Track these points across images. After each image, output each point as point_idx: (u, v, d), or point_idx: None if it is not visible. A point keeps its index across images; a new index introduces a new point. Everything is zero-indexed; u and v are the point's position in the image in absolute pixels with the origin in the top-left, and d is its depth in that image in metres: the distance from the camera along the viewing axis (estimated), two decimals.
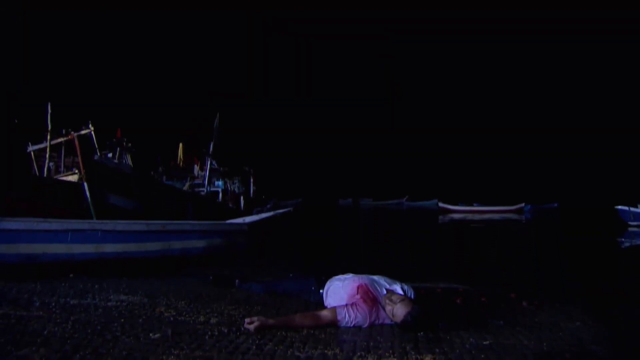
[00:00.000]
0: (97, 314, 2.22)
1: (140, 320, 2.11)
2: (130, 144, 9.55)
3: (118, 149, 9.34)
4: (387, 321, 2.14)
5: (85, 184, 5.17)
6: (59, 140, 7.93)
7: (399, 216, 28.64)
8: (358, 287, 2.32)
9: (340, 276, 2.61)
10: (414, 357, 1.63)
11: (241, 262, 4.73)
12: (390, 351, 1.72)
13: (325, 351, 1.69)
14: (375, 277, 2.47)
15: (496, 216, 22.78)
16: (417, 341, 1.84)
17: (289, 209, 6.52)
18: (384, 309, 2.16)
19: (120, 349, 1.63)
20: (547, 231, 14.51)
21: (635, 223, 10.54)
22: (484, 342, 1.82)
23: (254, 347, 1.73)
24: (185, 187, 7.47)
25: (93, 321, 2.04)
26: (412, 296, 2.34)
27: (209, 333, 1.90)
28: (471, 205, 26.34)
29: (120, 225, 3.97)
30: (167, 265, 4.17)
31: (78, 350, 1.59)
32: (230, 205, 11.31)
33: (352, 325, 2.09)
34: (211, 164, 11.16)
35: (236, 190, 14.20)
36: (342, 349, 1.73)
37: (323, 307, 2.54)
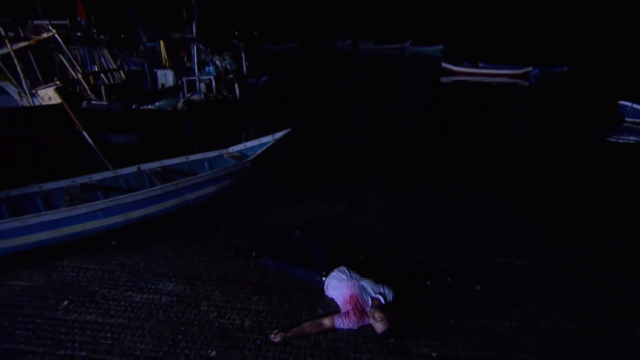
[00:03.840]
0: (159, 317, 3.05)
1: (195, 327, 2.95)
2: (102, 36, 8.28)
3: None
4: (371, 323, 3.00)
5: (85, 134, 5.14)
6: (22, 44, 6.96)
7: (400, 69, 27.50)
8: (350, 297, 3.08)
9: (338, 274, 3.33)
10: None
11: (246, 202, 5.37)
12: None
13: None
14: (364, 283, 3.20)
15: (499, 80, 22.19)
16: (387, 353, 2.75)
17: (288, 130, 6.62)
18: (369, 317, 2.99)
19: None
20: (544, 105, 14.74)
21: (631, 119, 10.63)
22: (433, 354, 2.73)
23: None
24: (180, 105, 7.13)
25: (163, 332, 2.88)
26: (391, 299, 3.13)
27: (248, 346, 2.77)
28: (476, 64, 24.82)
29: (139, 195, 4.37)
30: (184, 216, 4.84)
31: None
32: (225, 93, 10.92)
33: (346, 328, 2.97)
34: (198, 48, 10.06)
35: (228, 66, 13.24)
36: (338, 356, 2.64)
37: (324, 294, 3.40)
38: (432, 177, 6.74)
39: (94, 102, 5.44)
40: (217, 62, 13.23)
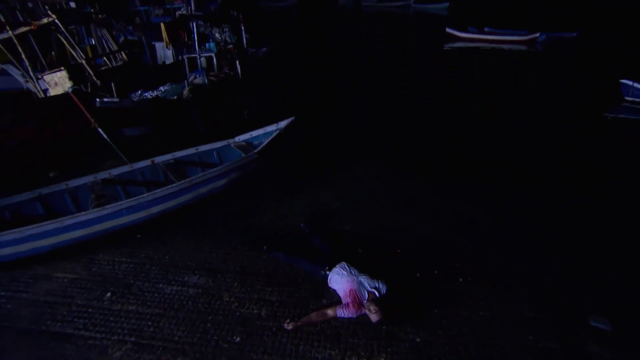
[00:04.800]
0: (189, 307, 3.63)
1: (220, 317, 3.54)
2: (100, 16, 8.09)
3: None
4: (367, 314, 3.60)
5: (101, 131, 5.41)
6: (23, 29, 6.94)
7: (403, 31, 26.61)
8: (350, 291, 3.65)
9: (339, 270, 3.87)
10: (375, 355, 3.18)
11: (253, 193, 5.81)
12: (364, 347, 3.26)
13: (331, 351, 3.21)
14: (361, 279, 3.74)
15: (504, 46, 21.73)
16: (380, 338, 3.36)
17: (291, 118, 6.88)
18: (365, 309, 3.57)
19: (226, 356, 3.12)
20: (545, 78, 14.72)
21: (630, 98, 10.62)
22: (417, 339, 3.35)
23: (293, 347, 3.24)
24: (186, 92, 7.22)
25: (194, 321, 3.47)
26: (385, 292, 3.70)
27: (266, 333, 3.37)
28: (482, 29, 23.99)
29: (158, 192, 4.79)
30: (196, 209, 5.31)
31: None
32: (227, 70, 10.89)
33: (346, 317, 3.56)
34: (197, 25, 9.88)
35: (227, 39, 12.97)
36: (338, 344, 3.25)
37: (327, 286, 3.96)
38: (432, 172, 6.93)
39: (106, 99, 5.65)
40: (217, 35, 12.95)
